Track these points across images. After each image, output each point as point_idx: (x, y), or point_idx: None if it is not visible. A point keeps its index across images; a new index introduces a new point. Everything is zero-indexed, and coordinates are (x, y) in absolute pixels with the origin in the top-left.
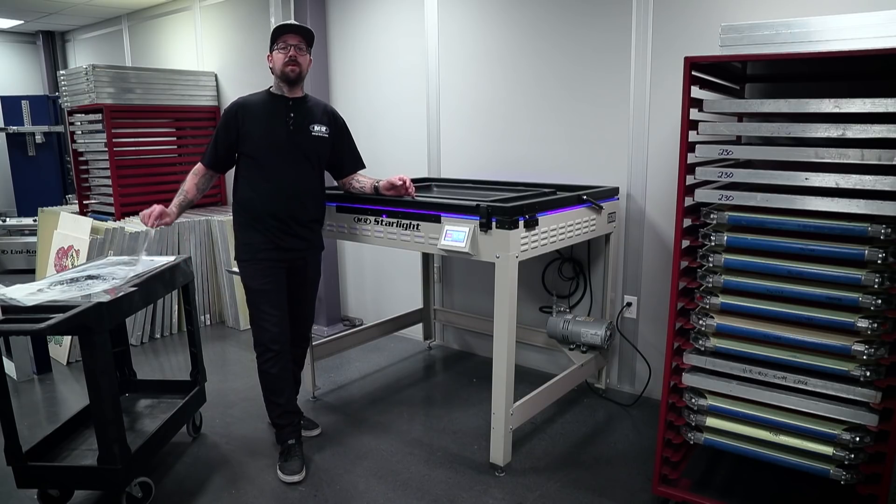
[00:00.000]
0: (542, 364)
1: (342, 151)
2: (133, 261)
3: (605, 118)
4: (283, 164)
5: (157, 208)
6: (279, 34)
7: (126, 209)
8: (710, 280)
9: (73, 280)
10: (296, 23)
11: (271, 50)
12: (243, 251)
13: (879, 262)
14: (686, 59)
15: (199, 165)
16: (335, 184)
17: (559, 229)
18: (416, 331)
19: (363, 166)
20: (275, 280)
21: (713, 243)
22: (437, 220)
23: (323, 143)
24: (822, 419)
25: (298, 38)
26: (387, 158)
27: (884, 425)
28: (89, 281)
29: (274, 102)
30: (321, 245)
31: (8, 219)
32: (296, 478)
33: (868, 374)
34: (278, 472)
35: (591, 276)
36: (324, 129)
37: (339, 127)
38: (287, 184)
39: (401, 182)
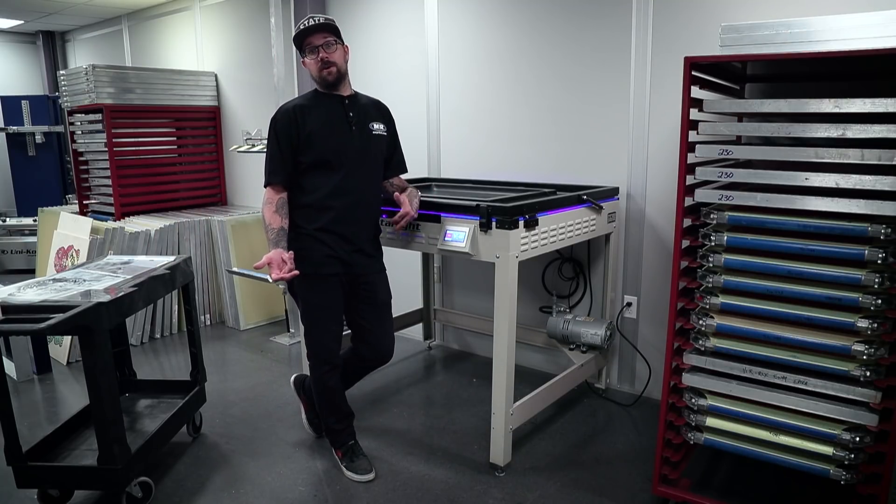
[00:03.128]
0: (542, 364)
1: (391, 152)
2: (128, 261)
3: (605, 118)
4: (350, 168)
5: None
6: (302, 39)
7: (126, 209)
8: (710, 280)
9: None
10: (314, 21)
11: (302, 56)
12: (307, 264)
13: (879, 262)
14: (686, 59)
15: (273, 193)
16: None
17: (559, 229)
18: (416, 331)
19: (405, 170)
20: (336, 295)
21: (713, 243)
22: (437, 220)
23: (382, 143)
24: (822, 419)
25: (323, 35)
26: None
27: (884, 425)
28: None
29: (329, 102)
30: (383, 263)
31: (8, 219)
32: (370, 476)
33: (868, 374)
34: (348, 473)
35: (591, 276)
36: (381, 126)
37: (391, 124)
38: (354, 190)
39: (403, 213)
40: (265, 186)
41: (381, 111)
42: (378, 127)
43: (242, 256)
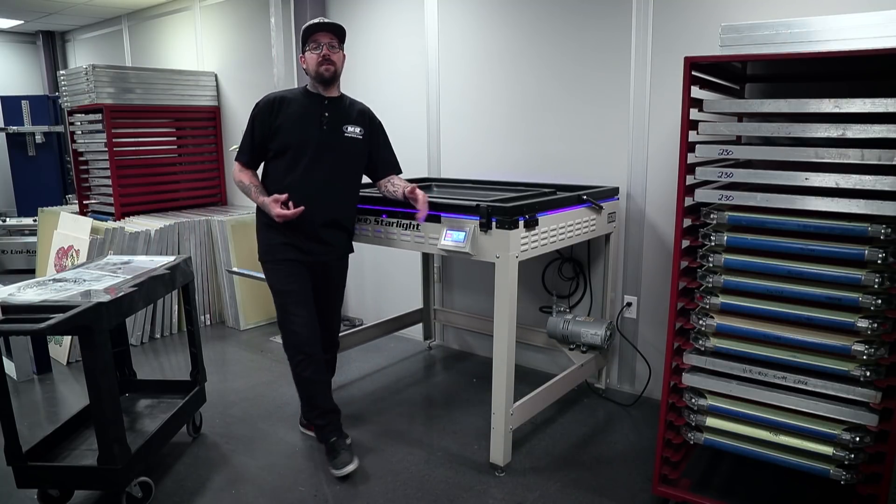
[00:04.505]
0: (542, 364)
1: (376, 154)
2: (128, 261)
3: (605, 118)
4: (311, 163)
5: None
6: (309, 34)
7: (126, 209)
8: (710, 280)
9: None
10: (326, 20)
11: (303, 51)
12: (264, 252)
13: (879, 262)
14: (686, 59)
15: (241, 167)
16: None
17: (559, 229)
18: (416, 331)
19: (399, 171)
20: (299, 280)
21: (713, 243)
22: (437, 220)
23: (356, 145)
24: (822, 419)
25: (330, 36)
26: None
27: (884, 425)
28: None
29: (309, 101)
30: (347, 249)
31: (8, 219)
32: (350, 467)
33: (868, 374)
34: (331, 469)
35: (591, 276)
36: (358, 130)
37: (374, 128)
38: (312, 185)
39: (420, 200)
40: (235, 161)
41: (363, 115)
42: (353, 130)
43: (242, 256)
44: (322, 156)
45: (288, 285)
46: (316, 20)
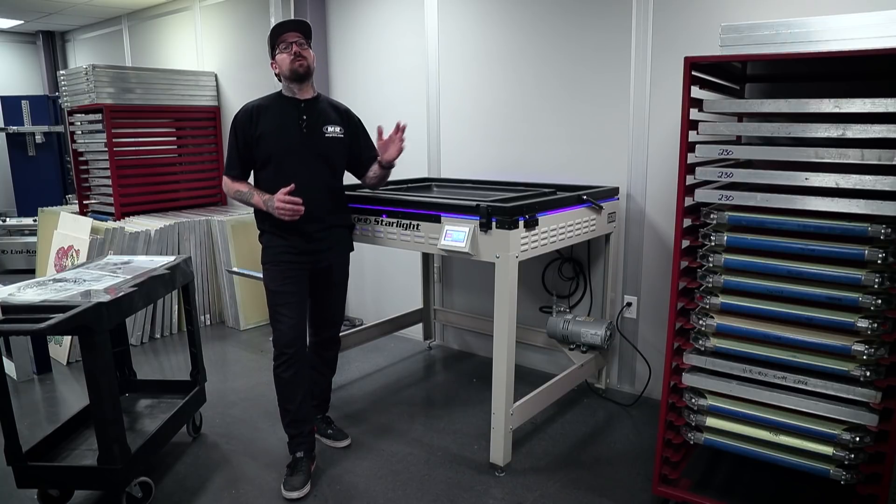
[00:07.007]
0: (542, 364)
1: (359, 150)
2: (128, 261)
3: (605, 118)
4: (298, 167)
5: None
6: (277, 35)
7: (126, 209)
8: (710, 280)
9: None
10: (291, 19)
11: (273, 55)
12: (266, 254)
13: (879, 262)
14: (686, 59)
15: (230, 180)
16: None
17: (559, 229)
18: (416, 331)
19: None
20: (294, 283)
21: (713, 243)
22: (437, 220)
23: (338, 144)
24: (822, 419)
25: (298, 35)
26: None
27: (884, 425)
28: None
29: (286, 105)
30: (348, 247)
31: (8, 219)
32: (295, 494)
33: (868, 374)
34: (281, 486)
35: (591, 276)
36: (338, 129)
37: (353, 126)
38: (302, 189)
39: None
40: (223, 176)
41: (340, 114)
42: (333, 129)
43: (242, 256)
44: (306, 159)
45: (282, 287)
46: (281, 21)
